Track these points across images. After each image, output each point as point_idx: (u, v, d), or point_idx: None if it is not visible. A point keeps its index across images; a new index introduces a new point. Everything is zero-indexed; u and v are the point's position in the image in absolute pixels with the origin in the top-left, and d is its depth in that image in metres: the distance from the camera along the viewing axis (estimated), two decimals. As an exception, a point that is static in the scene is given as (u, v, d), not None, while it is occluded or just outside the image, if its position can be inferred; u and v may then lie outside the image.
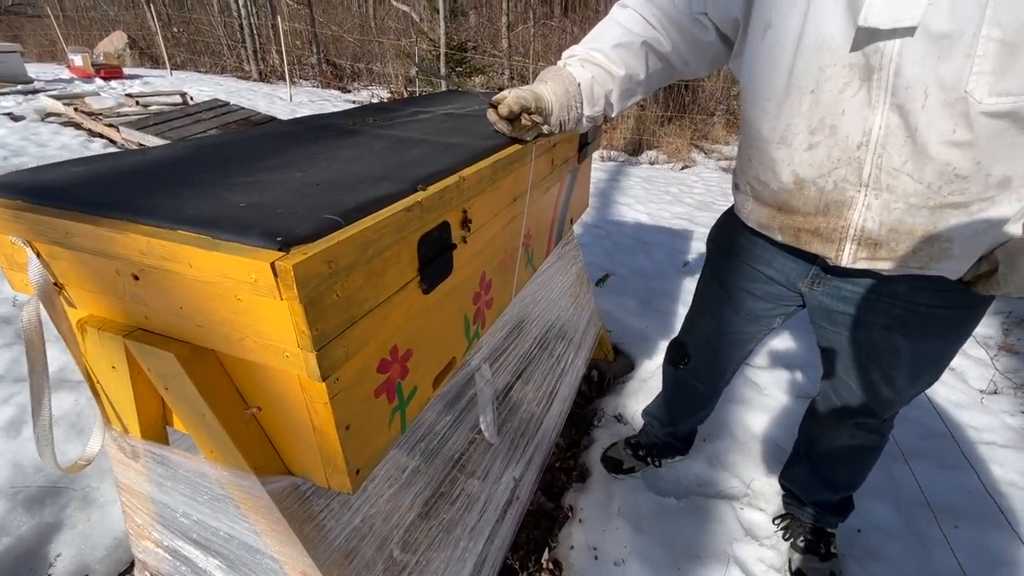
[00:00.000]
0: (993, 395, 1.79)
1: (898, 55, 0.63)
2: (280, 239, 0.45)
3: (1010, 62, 0.58)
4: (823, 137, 0.73)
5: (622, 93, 0.91)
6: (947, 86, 0.62)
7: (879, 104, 0.67)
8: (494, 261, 0.93)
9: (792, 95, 0.74)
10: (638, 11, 0.88)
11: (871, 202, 0.73)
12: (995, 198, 0.68)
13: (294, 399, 0.57)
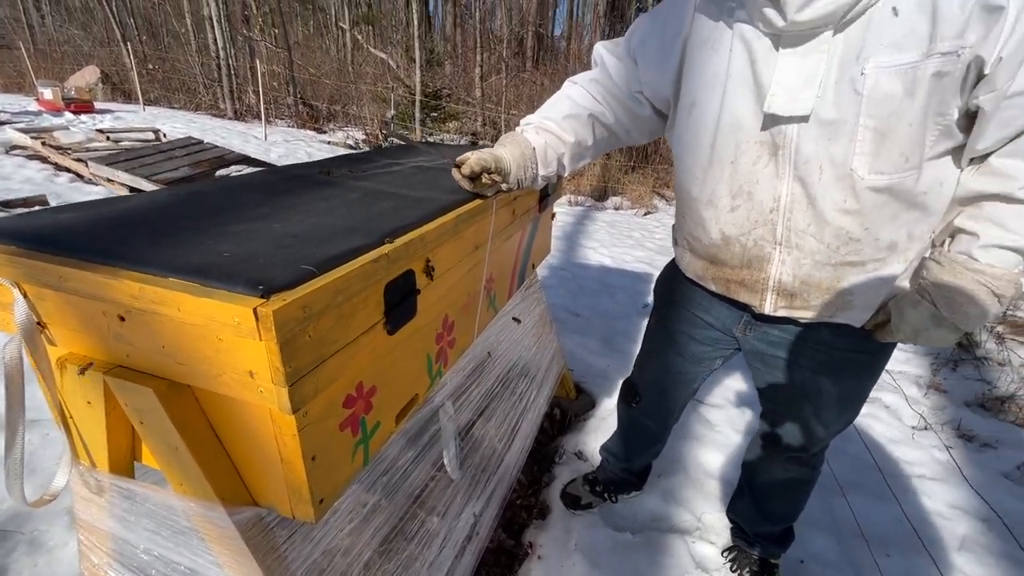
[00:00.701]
0: (923, 431, 1.94)
1: (797, 136, 0.76)
2: (262, 287, 0.52)
3: (882, 147, 0.72)
4: (742, 201, 0.85)
5: (572, 157, 1.03)
6: (837, 163, 0.74)
7: (785, 175, 0.79)
8: (457, 304, 1.00)
9: (715, 165, 0.86)
10: (585, 88, 1.01)
11: (785, 258, 0.85)
12: (886, 259, 0.81)
13: (264, 431, 0.62)
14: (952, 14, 0.63)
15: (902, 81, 0.67)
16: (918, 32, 0.65)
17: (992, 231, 0.72)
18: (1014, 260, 0.72)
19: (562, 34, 18.57)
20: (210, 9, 9.25)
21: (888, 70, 0.67)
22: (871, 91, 0.68)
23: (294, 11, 18.95)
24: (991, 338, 2.62)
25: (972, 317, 0.75)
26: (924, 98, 0.67)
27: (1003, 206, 0.71)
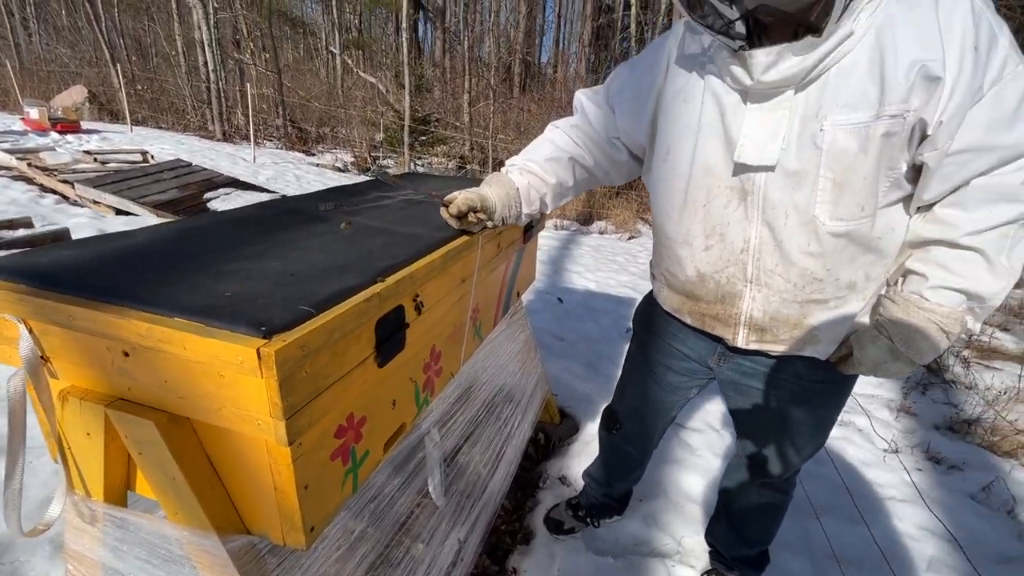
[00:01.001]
0: (894, 453, 2.00)
1: (764, 184, 0.83)
2: (264, 328, 0.56)
3: (841, 196, 0.79)
4: (715, 241, 0.92)
5: (554, 196, 1.09)
6: (801, 210, 0.82)
7: (754, 219, 0.86)
8: (444, 334, 1.05)
9: (689, 207, 0.93)
10: (566, 132, 1.08)
11: (755, 295, 0.91)
12: (846, 297, 0.88)
13: (260, 462, 0.66)
14: (897, 82, 0.71)
15: (856, 138, 0.74)
16: (869, 95, 0.73)
17: (939, 273, 0.79)
18: (959, 299, 0.79)
19: (549, 61, 19.09)
20: (201, 33, 9.36)
21: (843, 128, 0.74)
22: (829, 146, 0.76)
23: (285, 35, 19.23)
24: (958, 362, 2.73)
25: (925, 351, 0.82)
26: (876, 154, 0.75)
27: (947, 251, 0.79)
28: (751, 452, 1.15)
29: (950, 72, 0.69)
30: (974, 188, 0.75)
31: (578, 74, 15.00)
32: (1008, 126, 0.70)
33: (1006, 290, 0.78)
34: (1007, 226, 0.74)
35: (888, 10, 0.72)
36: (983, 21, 0.69)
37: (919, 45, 0.70)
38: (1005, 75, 0.69)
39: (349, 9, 16.38)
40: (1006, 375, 2.64)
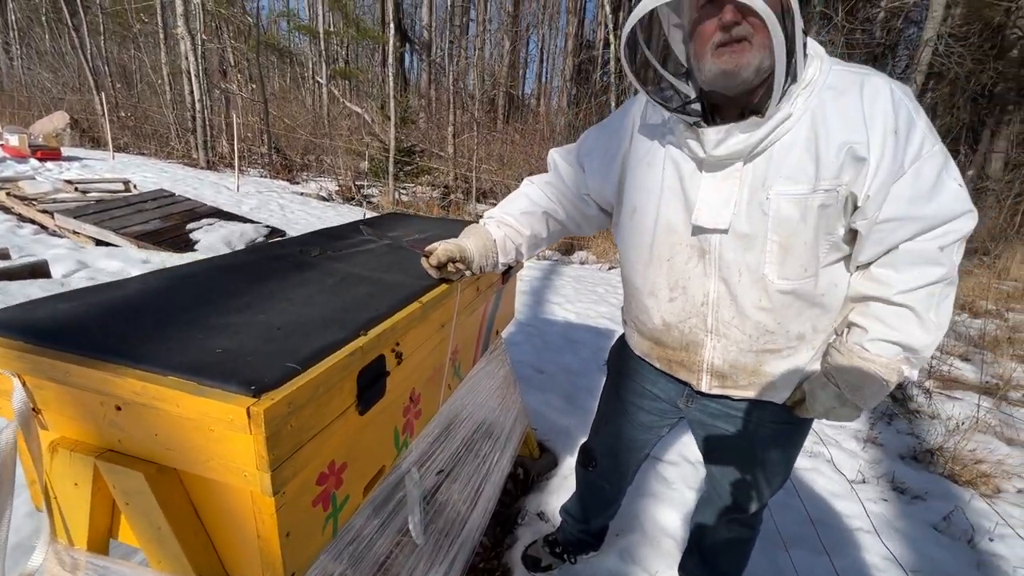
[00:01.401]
0: (861, 484, 2.07)
1: (719, 244, 0.91)
2: (253, 387, 0.60)
3: (786, 258, 0.87)
4: (679, 294, 0.99)
5: (529, 247, 1.17)
6: (752, 269, 0.90)
7: (712, 275, 0.94)
8: (423, 377, 1.10)
9: (654, 261, 1.01)
10: (541, 188, 1.16)
11: (715, 344, 0.99)
12: (797, 347, 0.96)
13: (244, 511, 0.69)
14: (829, 160, 0.81)
15: (797, 207, 0.83)
16: (807, 170, 0.82)
17: (877, 327, 0.87)
18: (896, 351, 0.87)
19: (532, 93, 19.64)
20: (189, 63, 9.46)
21: (786, 197, 0.83)
22: (775, 213, 0.84)
23: (272, 64, 19.48)
24: (921, 392, 2.85)
25: (868, 398, 0.90)
26: (814, 222, 0.83)
27: (883, 306, 0.87)
28: (719, 489, 1.20)
29: (873, 153, 0.79)
30: (902, 251, 0.84)
31: (560, 107, 15.44)
32: (927, 199, 0.80)
33: (936, 342, 0.87)
34: (933, 286, 0.83)
35: (822, 96, 0.82)
36: (902, 108, 0.79)
37: (847, 128, 0.80)
38: (923, 154, 0.79)
39: (336, 41, 16.73)
40: (966, 404, 2.75)
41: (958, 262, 0.84)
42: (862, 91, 0.81)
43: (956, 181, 0.81)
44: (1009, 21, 7.89)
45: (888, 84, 0.81)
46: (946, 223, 0.81)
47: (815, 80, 0.82)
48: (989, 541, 1.79)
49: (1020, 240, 6.60)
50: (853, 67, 0.84)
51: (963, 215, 0.81)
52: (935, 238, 0.82)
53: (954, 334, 3.87)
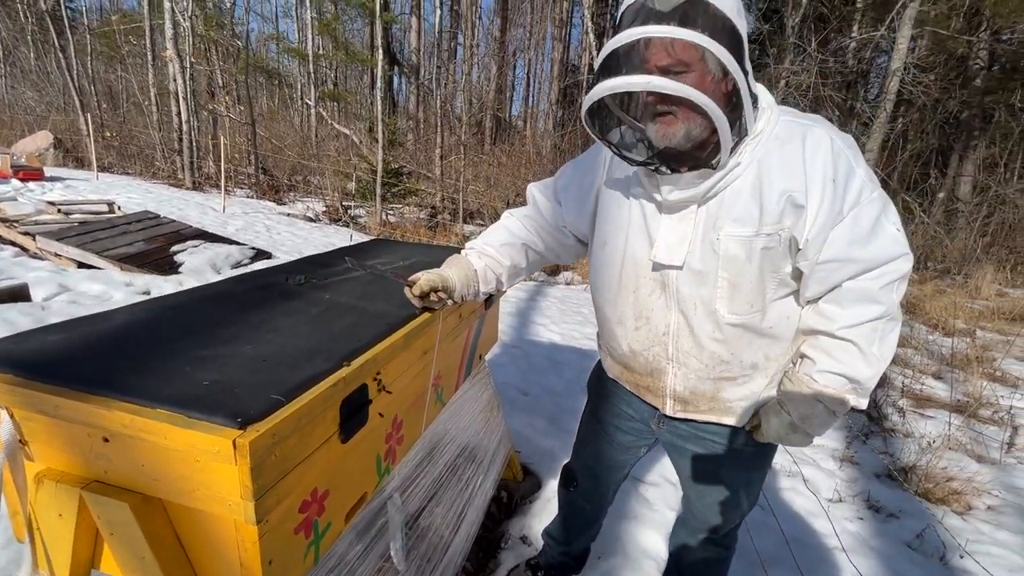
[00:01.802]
0: (838, 503, 2.12)
1: (676, 279, 0.97)
2: (239, 419, 0.63)
3: (735, 294, 0.94)
4: (643, 323, 1.05)
5: (509, 276, 1.21)
6: (705, 303, 0.96)
7: (672, 308, 1.00)
8: (405, 404, 1.13)
9: (622, 292, 1.06)
10: (520, 220, 1.22)
11: (676, 372, 1.04)
12: (751, 375, 1.01)
13: (227, 540, 0.71)
14: (771, 207, 0.87)
15: (743, 248, 0.90)
16: (752, 214, 0.89)
17: (824, 359, 0.93)
18: (842, 382, 0.93)
19: (519, 116, 20.00)
20: (177, 85, 9.50)
21: (733, 238, 0.90)
22: (724, 252, 0.91)
23: (260, 85, 19.61)
24: (895, 411, 2.92)
25: (816, 425, 0.96)
26: (758, 263, 0.90)
27: (829, 340, 0.93)
28: (692, 509, 1.24)
29: (812, 201, 0.85)
30: (846, 289, 0.90)
31: (546, 130, 15.74)
32: (865, 242, 0.86)
33: (879, 374, 0.93)
34: (875, 321, 0.89)
35: (767, 146, 0.88)
36: (841, 157, 0.86)
37: (787, 177, 0.86)
38: (862, 200, 0.86)
39: (325, 63, 16.93)
40: (939, 422, 2.83)
41: (899, 299, 0.90)
42: (804, 142, 0.87)
43: (894, 225, 0.87)
44: (971, 52, 8.30)
45: (829, 135, 0.87)
46: (884, 264, 0.88)
47: (764, 131, 0.88)
48: (960, 558, 1.84)
49: (989, 260, 6.84)
50: (800, 117, 0.91)
51: (900, 257, 0.88)
52: (875, 278, 0.88)
53: (927, 353, 3.98)
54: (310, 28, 14.57)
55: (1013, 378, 3.57)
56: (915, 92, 7.46)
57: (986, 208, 7.86)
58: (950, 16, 7.69)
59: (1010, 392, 3.32)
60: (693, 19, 0.76)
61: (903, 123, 10.04)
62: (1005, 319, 4.95)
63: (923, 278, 6.60)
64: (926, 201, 8.77)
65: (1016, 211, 7.74)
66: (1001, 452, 2.58)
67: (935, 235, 7.59)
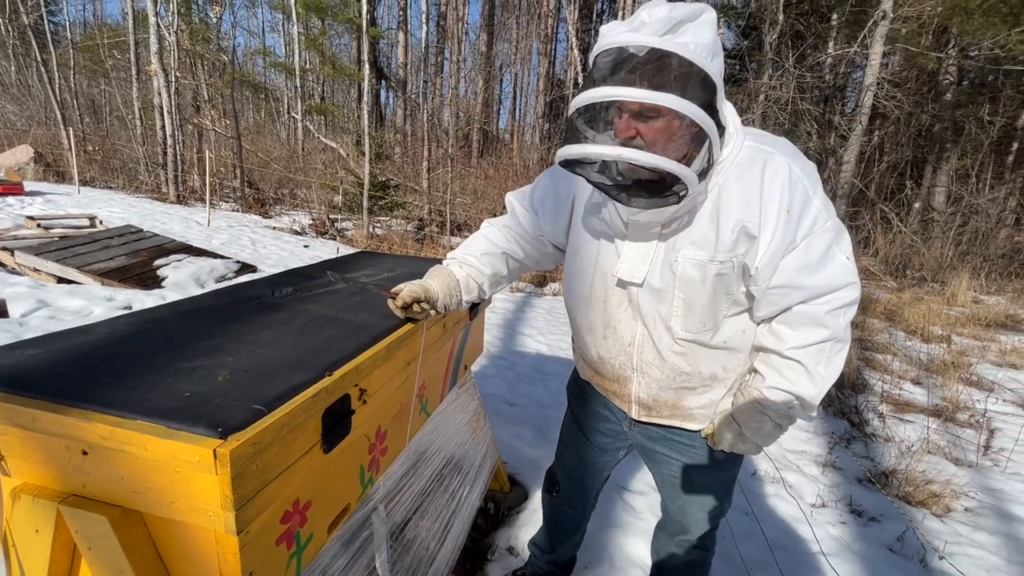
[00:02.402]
0: (821, 508, 2.15)
1: (637, 295, 1.02)
2: (220, 429, 0.64)
3: (688, 313, 0.98)
4: (610, 333, 1.10)
5: (490, 284, 1.24)
6: (663, 319, 1.01)
7: (636, 320, 1.05)
8: (389, 415, 1.13)
9: (592, 301, 1.11)
10: (499, 230, 1.24)
11: (640, 380, 1.09)
12: (711, 385, 1.06)
13: (207, 551, 0.71)
14: (726, 235, 0.91)
15: (698, 271, 0.94)
16: (709, 239, 0.93)
17: (773, 375, 0.97)
18: (788, 398, 0.97)
19: (505, 129, 20.19)
20: (161, 99, 9.46)
21: (690, 260, 0.94)
22: (681, 273, 0.95)
23: (247, 99, 19.58)
24: (876, 417, 2.98)
25: (764, 436, 1.00)
26: (711, 286, 0.94)
27: (778, 358, 0.97)
28: (667, 511, 1.29)
29: (765, 231, 0.90)
30: (795, 312, 0.94)
31: (533, 143, 15.91)
32: (814, 270, 0.91)
33: (823, 392, 0.97)
34: (822, 344, 0.94)
35: (729, 173, 0.92)
36: (798, 187, 0.90)
37: (743, 207, 0.90)
38: (815, 229, 0.90)
39: (312, 77, 16.98)
40: (918, 426, 2.89)
41: (845, 325, 0.94)
42: (764, 171, 0.90)
43: (845, 255, 0.92)
44: (941, 68, 8.60)
45: (788, 164, 0.90)
46: (833, 292, 0.92)
47: (727, 158, 0.92)
48: (939, 559, 1.87)
49: (964, 268, 7.02)
50: (764, 142, 0.94)
51: (847, 286, 0.92)
52: (823, 303, 0.93)
53: (906, 359, 4.06)
54: (297, 43, 14.62)
55: (988, 382, 3.66)
56: (889, 106, 7.70)
57: (960, 217, 8.09)
58: (920, 33, 7.98)
59: (985, 396, 3.39)
60: (664, 77, 0.77)
61: (879, 136, 10.34)
62: (980, 325, 5.07)
63: (901, 286, 6.76)
64: (903, 211, 9.00)
65: (988, 220, 7.98)
66: (977, 455, 2.64)
67: (912, 244, 7.79)
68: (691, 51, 0.78)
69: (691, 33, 0.79)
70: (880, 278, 7.05)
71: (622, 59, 0.79)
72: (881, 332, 4.75)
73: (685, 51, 0.77)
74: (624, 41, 0.78)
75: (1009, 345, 4.45)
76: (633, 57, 0.78)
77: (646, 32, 0.78)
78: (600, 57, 0.82)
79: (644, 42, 0.77)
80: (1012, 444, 2.73)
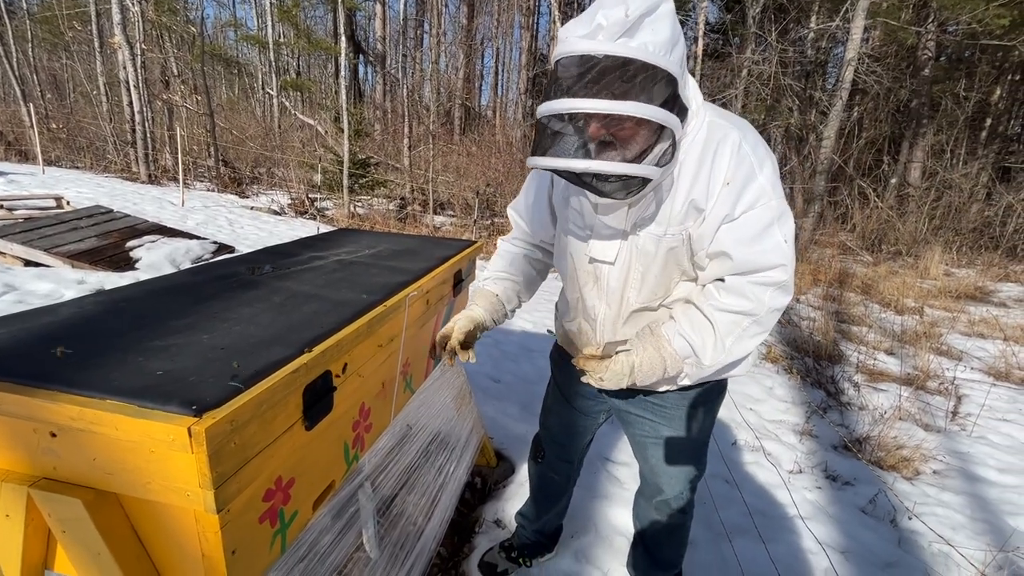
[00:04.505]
0: (798, 474, 2.22)
1: (608, 273, 1.07)
2: (194, 407, 0.62)
3: (643, 286, 1.05)
4: (581, 308, 1.16)
5: (527, 287, 1.32)
6: (623, 292, 1.07)
7: (602, 298, 1.10)
8: (372, 392, 1.12)
9: (571, 278, 1.17)
10: (512, 242, 1.33)
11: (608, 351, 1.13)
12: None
13: (187, 531, 0.70)
14: (677, 210, 0.96)
15: (653, 245, 1.00)
16: (664, 214, 0.97)
17: (685, 324, 1.00)
18: (688, 351, 1.00)
19: (488, 106, 19.84)
20: (127, 74, 9.05)
21: (648, 235, 0.99)
22: (641, 247, 1.01)
23: (219, 74, 18.84)
24: (851, 386, 3.06)
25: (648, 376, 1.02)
26: (663, 258, 1.00)
27: (697, 312, 1.00)
28: (643, 475, 1.33)
29: (709, 203, 0.93)
30: (728, 280, 0.97)
31: (516, 119, 15.68)
32: (748, 245, 0.93)
33: (719, 364, 1.00)
34: (740, 316, 0.96)
35: (688, 151, 0.94)
36: (744, 162, 0.91)
37: (694, 184, 0.93)
38: (757, 205, 0.92)
39: (287, 51, 16.38)
40: (891, 395, 2.98)
41: (769, 306, 0.95)
42: (717, 146, 0.92)
43: (783, 236, 0.93)
44: (920, 43, 8.65)
45: (740, 139, 0.92)
46: (764, 270, 0.93)
47: (687, 135, 0.93)
48: (908, 520, 1.96)
49: (937, 242, 7.20)
50: (723, 118, 0.95)
51: (778, 267, 0.93)
52: (750, 277, 0.95)
53: (881, 330, 4.18)
54: (270, 14, 14.05)
55: (957, 352, 3.79)
56: (868, 81, 7.74)
57: (934, 192, 8.25)
58: (901, 7, 7.98)
59: (954, 364, 3.52)
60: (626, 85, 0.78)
61: (858, 111, 10.42)
62: (951, 297, 5.23)
63: (877, 260, 6.91)
64: (879, 186, 9.14)
65: (961, 195, 8.16)
66: (946, 420, 2.75)
67: (888, 219, 7.94)
68: (650, 53, 0.78)
69: (649, 31, 0.79)
70: (857, 252, 7.19)
71: (584, 69, 0.79)
72: (857, 305, 4.87)
73: (644, 54, 0.78)
74: (583, 50, 0.79)
75: (977, 316, 4.60)
76: (594, 66, 0.79)
77: (603, 38, 0.78)
78: (561, 65, 0.83)
79: (602, 50, 0.77)
80: (978, 410, 2.84)
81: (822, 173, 7.46)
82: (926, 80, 9.04)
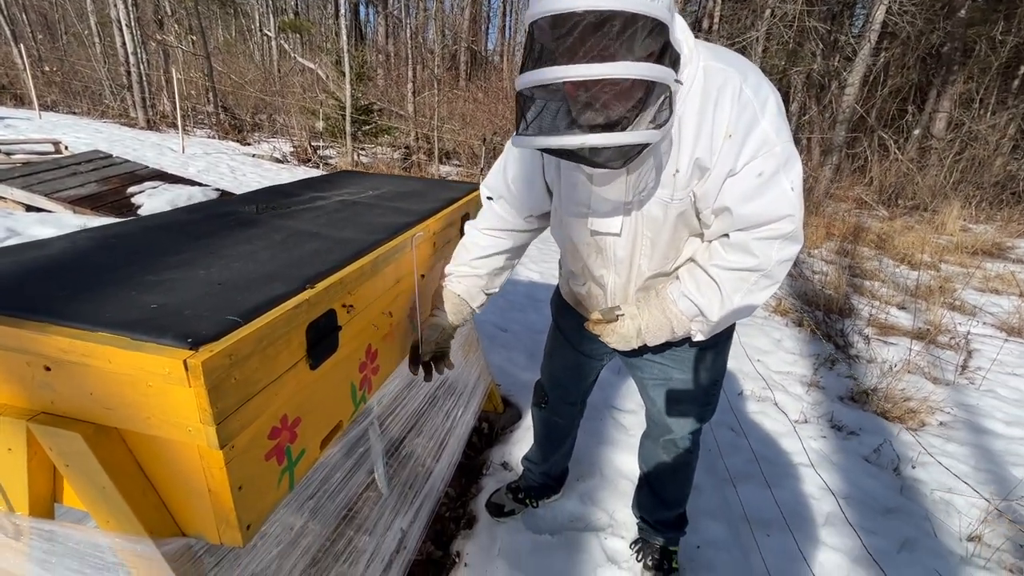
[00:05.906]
0: (804, 424, 2.23)
1: (613, 244, 1.02)
2: (190, 340, 0.59)
3: (654, 252, 1.00)
4: (588, 276, 1.13)
5: (490, 281, 1.23)
6: (634, 261, 1.03)
7: (610, 266, 1.06)
8: (380, 334, 1.09)
9: (570, 249, 1.13)
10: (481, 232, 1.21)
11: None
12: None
13: (192, 466, 0.68)
14: (684, 173, 0.89)
15: (661, 210, 0.94)
16: (668, 178, 0.91)
17: (690, 285, 0.98)
18: (694, 311, 0.99)
19: (495, 50, 19.00)
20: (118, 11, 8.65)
21: (655, 201, 0.94)
22: (648, 214, 0.96)
23: (214, 14, 18.02)
24: (860, 340, 3.03)
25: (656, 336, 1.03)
26: (672, 222, 0.96)
27: (702, 273, 0.97)
28: (650, 416, 1.34)
29: (713, 158, 0.87)
30: (732, 237, 0.92)
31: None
32: (752, 199, 0.87)
33: (727, 322, 1.00)
34: (746, 272, 0.92)
35: (685, 104, 0.85)
36: (747, 109, 0.83)
37: (697, 142, 0.86)
38: (760, 154, 0.85)
39: (284, -11, 15.56)
40: (900, 349, 2.96)
41: (777, 259, 0.90)
42: (717, 98, 0.84)
43: (790, 183, 0.86)
44: (959, -20, 8.04)
45: (741, 84, 0.84)
46: (770, 223, 0.88)
47: (685, 86, 0.84)
48: (911, 469, 1.97)
49: (957, 197, 6.97)
50: (719, 59, 0.86)
51: (785, 218, 0.87)
52: (755, 232, 0.89)
53: (893, 285, 4.11)
54: (263, -53, 13.23)
55: (971, 307, 3.73)
56: (900, 22, 7.26)
57: (958, 144, 7.92)
58: (941, -62, 7.37)
59: (967, 320, 3.47)
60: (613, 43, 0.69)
61: (885, 57, 9.86)
62: (967, 253, 5.11)
63: (893, 215, 6.73)
64: (901, 138, 8.78)
65: (986, 147, 7.83)
66: (955, 374, 2.73)
67: (907, 172, 7.67)
68: (635, 2, 0.68)
69: None
70: (873, 207, 7.00)
71: (565, 30, 0.69)
72: (870, 260, 4.77)
73: (630, 3, 0.67)
74: (562, 7, 0.68)
75: (994, 272, 4.51)
76: (575, 25, 0.68)
77: None
78: (537, 27, 0.72)
79: (583, 6, 0.67)
80: (989, 364, 2.82)
81: (842, 123, 7.15)
82: (961, 22, 8.48)
